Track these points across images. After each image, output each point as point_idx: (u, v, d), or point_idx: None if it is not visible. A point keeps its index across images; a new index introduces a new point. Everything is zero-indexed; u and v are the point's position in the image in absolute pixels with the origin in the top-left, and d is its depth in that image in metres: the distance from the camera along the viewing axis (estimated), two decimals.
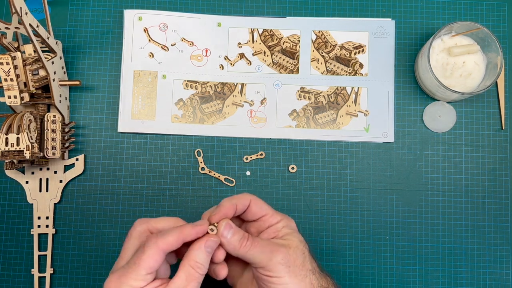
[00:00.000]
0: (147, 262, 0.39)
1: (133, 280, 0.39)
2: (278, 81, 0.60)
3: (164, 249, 0.40)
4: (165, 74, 0.60)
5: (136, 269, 0.39)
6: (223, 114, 0.60)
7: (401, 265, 0.57)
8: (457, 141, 0.59)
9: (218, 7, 0.62)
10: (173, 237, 0.40)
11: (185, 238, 0.41)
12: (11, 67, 0.51)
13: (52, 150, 0.56)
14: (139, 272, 0.39)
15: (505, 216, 0.58)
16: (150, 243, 0.40)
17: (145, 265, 0.39)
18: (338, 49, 0.61)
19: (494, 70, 0.55)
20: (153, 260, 0.39)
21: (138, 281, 0.39)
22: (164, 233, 0.41)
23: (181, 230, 0.41)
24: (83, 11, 0.62)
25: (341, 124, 0.60)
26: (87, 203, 0.59)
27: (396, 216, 0.58)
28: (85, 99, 0.60)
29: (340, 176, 0.59)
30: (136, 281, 0.39)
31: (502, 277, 0.57)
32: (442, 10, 0.62)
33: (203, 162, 0.59)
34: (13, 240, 0.58)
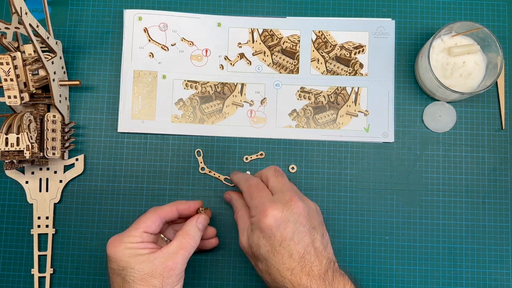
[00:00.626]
0: (145, 222, 0.48)
1: (132, 237, 0.47)
2: (278, 81, 0.60)
3: (160, 214, 0.49)
4: (165, 74, 0.60)
5: (135, 228, 0.48)
6: (223, 114, 0.60)
7: (401, 265, 0.57)
8: (457, 141, 0.59)
9: (218, 7, 0.62)
10: (169, 206, 0.50)
11: (179, 209, 0.51)
12: (11, 67, 0.51)
13: (52, 150, 0.56)
14: (137, 230, 0.47)
15: (505, 216, 0.58)
16: (150, 210, 0.50)
17: (143, 224, 0.48)
18: (338, 49, 0.61)
19: (494, 70, 0.55)
20: (150, 221, 0.48)
21: (135, 237, 0.47)
22: (163, 205, 0.51)
23: (176, 202, 0.52)
24: (83, 11, 0.62)
25: (341, 124, 0.60)
26: (87, 203, 0.59)
27: (396, 216, 0.58)
28: (85, 99, 0.60)
29: (340, 176, 0.59)
30: (134, 237, 0.47)
31: (502, 277, 0.57)
32: (442, 10, 0.62)
33: (203, 162, 0.59)
34: (13, 240, 0.58)
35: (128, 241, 0.47)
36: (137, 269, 0.45)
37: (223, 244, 0.58)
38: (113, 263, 0.47)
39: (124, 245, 0.47)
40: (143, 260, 0.46)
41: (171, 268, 0.46)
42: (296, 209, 0.46)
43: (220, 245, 0.57)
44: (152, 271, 0.45)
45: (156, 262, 0.46)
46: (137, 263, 0.46)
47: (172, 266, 0.46)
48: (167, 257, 0.46)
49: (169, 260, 0.46)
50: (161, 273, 0.45)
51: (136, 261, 0.46)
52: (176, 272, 0.46)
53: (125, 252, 0.46)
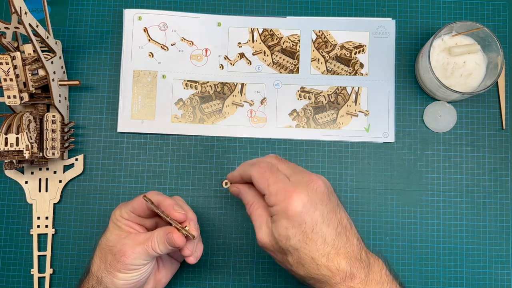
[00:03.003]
0: (134, 203, 0.48)
1: (123, 209, 0.48)
2: (278, 81, 0.60)
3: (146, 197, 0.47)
4: (165, 74, 0.60)
5: (128, 203, 0.49)
6: (223, 114, 0.60)
7: (401, 265, 0.57)
8: (458, 141, 0.59)
9: (218, 7, 0.62)
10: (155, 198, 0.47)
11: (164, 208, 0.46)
12: (10, 67, 0.50)
13: (52, 150, 0.56)
14: (127, 207, 0.48)
15: (505, 216, 0.58)
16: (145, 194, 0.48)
17: (132, 204, 0.48)
18: (338, 48, 0.61)
19: (494, 70, 0.55)
20: (137, 204, 0.48)
21: (123, 212, 0.48)
22: (158, 193, 0.49)
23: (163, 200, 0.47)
24: (82, 10, 0.61)
25: (341, 124, 0.60)
26: (87, 203, 0.59)
27: (396, 216, 0.58)
28: (84, 99, 0.60)
29: (340, 176, 0.59)
30: (123, 211, 0.48)
31: (502, 277, 0.57)
32: (442, 10, 0.61)
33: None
34: (13, 240, 0.58)
35: (119, 212, 0.48)
36: (107, 238, 0.47)
37: (223, 244, 0.58)
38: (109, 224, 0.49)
39: (117, 212, 0.48)
40: (116, 234, 0.47)
41: (124, 253, 0.45)
42: (318, 188, 0.43)
43: (220, 245, 0.57)
44: (112, 246, 0.46)
45: (121, 241, 0.46)
46: (112, 233, 0.47)
47: (126, 253, 0.45)
48: (130, 243, 0.46)
49: (127, 246, 0.45)
50: (115, 253, 0.45)
51: (113, 232, 0.47)
52: (127, 262, 0.45)
53: (112, 219, 0.49)
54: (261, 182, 0.44)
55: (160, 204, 0.47)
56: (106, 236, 0.48)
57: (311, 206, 0.41)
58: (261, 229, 0.44)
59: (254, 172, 0.45)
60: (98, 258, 0.47)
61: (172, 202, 0.47)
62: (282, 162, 0.46)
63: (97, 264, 0.47)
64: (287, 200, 0.41)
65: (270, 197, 0.43)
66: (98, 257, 0.47)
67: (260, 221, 0.45)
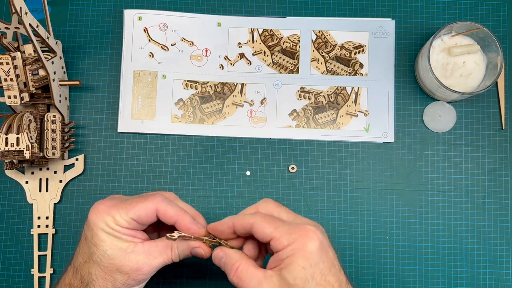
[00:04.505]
0: (139, 210, 0.41)
1: (119, 215, 0.41)
2: (278, 81, 0.60)
3: (159, 212, 0.42)
4: (165, 74, 0.60)
5: (128, 209, 0.41)
6: (223, 114, 0.60)
7: (401, 265, 0.57)
8: (457, 141, 0.59)
9: (218, 7, 0.62)
10: (172, 213, 0.42)
11: (180, 223, 0.42)
12: (11, 67, 0.51)
13: (52, 150, 0.56)
14: (128, 214, 0.41)
15: (505, 216, 0.58)
16: (153, 199, 0.41)
17: (136, 212, 0.41)
18: (338, 49, 0.61)
19: (494, 70, 0.55)
20: (144, 213, 0.41)
21: (122, 220, 0.41)
22: (170, 203, 0.42)
23: (182, 215, 0.42)
24: (83, 11, 0.62)
25: (341, 124, 0.60)
26: (87, 203, 0.59)
27: (396, 216, 0.58)
28: (85, 99, 0.60)
29: (340, 176, 0.59)
30: (121, 219, 0.41)
31: (502, 277, 0.57)
32: (442, 10, 0.62)
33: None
34: (13, 240, 0.58)
35: (112, 220, 0.41)
36: (108, 255, 0.40)
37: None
38: (89, 231, 0.41)
39: (108, 219, 0.41)
40: (118, 248, 0.41)
41: (141, 271, 0.41)
42: (323, 231, 0.40)
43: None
44: (122, 265, 0.40)
45: (131, 257, 0.41)
46: (111, 247, 0.41)
47: (144, 270, 0.41)
48: (144, 258, 0.41)
49: (143, 263, 0.41)
50: (128, 272, 0.40)
51: (112, 246, 0.41)
52: (144, 278, 0.42)
53: (105, 228, 0.41)
54: (267, 226, 0.39)
55: (178, 220, 0.42)
56: (106, 254, 0.41)
57: (327, 245, 0.38)
58: (262, 285, 0.38)
59: (257, 219, 0.39)
60: (100, 278, 0.41)
61: (191, 219, 0.42)
62: (281, 208, 0.42)
63: (101, 284, 0.41)
64: (304, 237, 0.37)
65: (281, 238, 0.38)
66: (101, 278, 0.41)
67: (256, 280, 0.38)
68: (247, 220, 0.40)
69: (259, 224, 0.39)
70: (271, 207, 0.42)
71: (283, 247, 0.38)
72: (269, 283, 0.37)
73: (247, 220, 0.40)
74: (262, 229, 0.39)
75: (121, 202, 0.42)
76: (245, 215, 0.41)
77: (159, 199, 0.42)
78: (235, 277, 0.39)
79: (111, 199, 0.43)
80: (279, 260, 0.38)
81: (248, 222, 0.40)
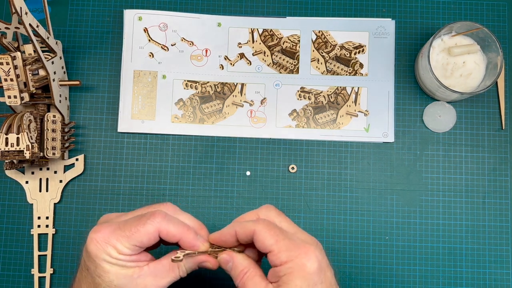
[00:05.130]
0: (141, 237, 0.39)
1: (120, 244, 0.39)
2: (278, 81, 0.60)
3: (162, 233, 0.39)
4: (165, 74, 0.60)
5: (128, 236, 0.39)
6: (223, 114, 0.60)
7: (401, 265, 0.57)
8: (457, 141, 0.59)
9: (218, 7, 0.62)
10: (175, 232, 0.40)
11: (183, 241, 0.40)
12: (11, 67, 0.51)
13: (52, 150, 0.56)
14: (130, 241, 0.39)
15: (505, 216, 0.58)
16: (153, 221, 0.39)
17: (138, 238, 0.39)
18: (338, 49, 0.61)
19: (494, 70, 0.55)
20: (146, 238, 0.39)
21: (124, 248, 0.39)
22: (171, 220, 0.40)
23: (185, 233, 0.40)
24: (83, 11, 0.62)
25: (341, 124, 0.60)
26: (87, 203, 0.59)
27: (396, 216, 0.58)
28: (85, 99, 0.60)
29: (340, 176, 0.59)
30: (123, 247, 0.39)
31: (502, 277, 0.57)
32: (442, 10, 0.62)
33: None
34: (13, 240, 0.58)
35: (114, 249, 0.39)
36: (115, 285, 0.39)
37: None
38: (91, 263, 0.39)
39: (110, 249, 0.39)
40: (124, 276, 0.39)
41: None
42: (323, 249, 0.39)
43: None
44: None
45: (139, 282, 0.39)
46: (118, 277, 0.39)
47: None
48: (152, 280, 0.39)
49: (151, 284, 0.39)
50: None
51: (118, 275, 0.39)
52: None
53: (107, 259, 0.39)
54: (268, 237, 0.38)
55: (182, 239, 0.40)
56: (113, 284, 0.39)
57: (325, 266, 0.38)
58: None
59: (259, 227, 0.38)
60: None
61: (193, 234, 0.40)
62: (282, 217, 0.41)
63: None
64: (303, 256, 0.37)
65: (280, 254, 0.37)
66: None
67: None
68: (250, 227, 0.39)
69: (261, 233, 0.38)
70: (272, 215, 0.41)
71: (281, 263, 0.37)
72: None
73: (249, 227, 0.39)
74: (263, 239, 0.38)
75: (118, 228, 0.39)
76: (247, 222, 0.40)
77: (159, 218, 0.39)
78: (241, 283, 0.39)
79: (107, 225, 0.40)
80: (277, 276, 0.38)
81: (250, 229, 0.39)
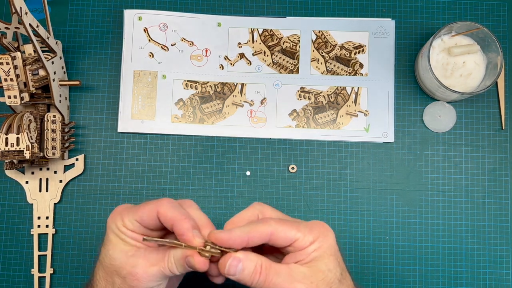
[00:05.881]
0: (143, 213, 0.40)
1: (127, 218, 0.40)
2: (278, 81, 0.60)
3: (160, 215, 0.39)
4: (165, 74, 0.60)
5: (134, 212, 0.40)
6: (223, 114, 0.60)
7: (401, 265, 0.57)
8: (457, 141, 0.59)
9: (218, 7, 0.62)
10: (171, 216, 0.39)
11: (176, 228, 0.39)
12: (11, 67, 0.51)
13: (52, 150, 0.56)
14: (134, 216, 0.40)
15: (505, 216, 0.58)
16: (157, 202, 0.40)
17: (140, 214, 0.40)
18: (338, 49, 0.61)
19: (494, 70, 0.55)
20: (146, 215, 0.40)
21: (129, 222, 0.40)
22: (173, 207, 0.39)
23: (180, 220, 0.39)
24: (83, 11, 0.62)
25: (341, 124, 0.60)
26: (87, 203, 0.59)
27: (396, 216, 0.58)
28: (85, 99, 0.60)
29: (340, 176, 0.59)
30: (128, 221, 0.40)
31: (502, 277, 0.57)
32: (442, 10, 0.62)
33: None
34: (13, 240, 0.58)
35: (121, 222, 0.40)
36: (110, 255, 0.40)
37: None
38: (106, 233, 0.41)
39: (119, 221, 0.40)
40: (120, 250, 0.40)
41: (136, 277, 0.38)
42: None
43: None
44: (120, 267, 0.39)
45: (130, 260, 0.39)
46: (114, 248, 0.40)
47: (139, 276, 0.38)
48: (142, 263, 0.39)
49: (139, 268, 0.38)
50: (125, 276, 0.39)
51: (115, 247, 0.40)
52: (140, 286, 0.39)
53: (114, 230, 0.40)
54: (289, 230, 0.38)
55: (174, 224, 0.39)
56: (108, 253, 0.40)
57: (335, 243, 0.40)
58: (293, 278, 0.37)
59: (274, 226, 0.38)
60: (103, 279, 0.41)
61: (189, 226, 0.39)
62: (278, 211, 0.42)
63: (103, 286, 0.41)
64: (324, 231, 0.39)
65: (306, 237, 0.38)
66: (103, 278, 0.41)
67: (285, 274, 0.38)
68: (265, 230, 0.38)
69: (280, 230, 0.38)
70: (269, 212, 0.42)
71: (310, 243, 0.38)
72: (299, 274, 0.38)
73: (264, 230, 0.38)
74: (284, 234, 0.38)
75: (131, 206, 0.42)
76: (257, 226, 0.38)
77: (163, 202, 0.40)
78: (261, 278, 0.38)
79: (127, 204, 0.43)
80: (304, 255, 0.38)
81: (266, 233, 0.38)
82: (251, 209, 0.42)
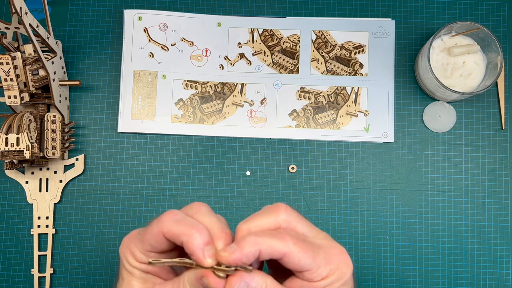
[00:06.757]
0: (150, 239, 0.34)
1: (136, 249, 0.35)
2: (278, 81, 0.60)
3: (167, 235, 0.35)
4: (165, 74, 0.60)
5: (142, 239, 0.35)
6: (223, 114, 0.60)
7: (401, 265, 0.57)
8: (457, 141, 0.59)
9: (218, 7, 0.62)
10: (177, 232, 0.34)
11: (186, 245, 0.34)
12: (11, 67, 0.51)
13: (52, 150, 0.56)
14: (143, 245, 0.35)
15: (505, 216, 0.58)
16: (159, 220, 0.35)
17: (147, 240, 0.35)
18: (338, 49, 0.61)
19: (494, 70, 0.55)
20: (154, 239, 0.34)
21: (139, 255, 0.35)
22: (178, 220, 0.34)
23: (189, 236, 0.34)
24: (83, 11, 0.62)
25: (341, 124, 0.60)
26: (87, 203, 0.59)
27: (396, 216, 0.58)
28: (85, 99, 0.60)
29: (340, 176, 0.59)
30: (138, 255, 0.35)
31: (502, 277, 0.57)
32: (442, 10, 0.62)
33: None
34: (13, 240, 0.58)
35: (132, 257, 0.36)
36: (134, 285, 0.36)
37: None
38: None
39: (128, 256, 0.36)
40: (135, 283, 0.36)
41: None
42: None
43: None
44: None
45: None
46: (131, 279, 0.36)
47: None
48: None
49: None
50: None
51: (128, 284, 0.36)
52: None
53: (126, 266, 0.36)
54: (304, 257, 0.34)
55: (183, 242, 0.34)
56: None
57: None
58: None
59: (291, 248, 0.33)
60: None
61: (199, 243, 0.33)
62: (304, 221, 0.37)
63: None
64: (343, 265, 0.34)
65: (320, 270, 0.34)
66: None
67: None
68: (279, 248, 0.33)
69: (294, 254, 0.33)
70: (294, 221, 0.36)
71: (321, 279, 0.34)
72: None
73: (278, 248, 0.33)
74: (297, 260, 0.33)
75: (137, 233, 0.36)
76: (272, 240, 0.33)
77: (164, 219, 0.34)
78: None
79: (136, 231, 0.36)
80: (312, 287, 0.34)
81: (280, 252, 0.33)
82: (273, 216, 0.36)
